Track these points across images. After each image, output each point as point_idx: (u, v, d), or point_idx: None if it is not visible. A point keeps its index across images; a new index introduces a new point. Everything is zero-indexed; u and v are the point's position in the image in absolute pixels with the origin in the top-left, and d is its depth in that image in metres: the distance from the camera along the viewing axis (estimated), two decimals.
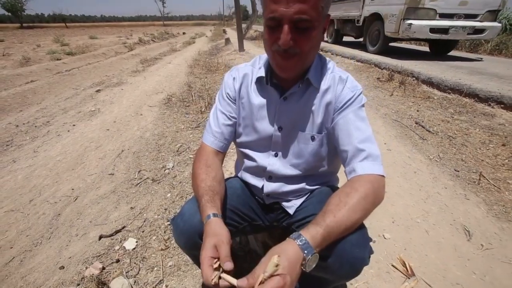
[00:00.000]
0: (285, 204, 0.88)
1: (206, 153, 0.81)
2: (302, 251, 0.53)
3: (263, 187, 0.87)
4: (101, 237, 1.39)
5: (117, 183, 1.87)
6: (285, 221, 0.91)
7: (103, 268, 1.20)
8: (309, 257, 0.53)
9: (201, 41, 16.07)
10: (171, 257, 1.27)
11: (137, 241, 1.36)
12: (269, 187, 0.86)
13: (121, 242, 1.36)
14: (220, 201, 0.71)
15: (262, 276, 0.48)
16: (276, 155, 0.84)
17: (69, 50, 8.69)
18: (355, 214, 0.60)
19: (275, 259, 0.49)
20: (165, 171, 2.01)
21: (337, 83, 0.75)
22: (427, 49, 6.84)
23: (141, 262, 1.24)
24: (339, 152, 0.75)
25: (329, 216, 0.58)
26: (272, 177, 0.86)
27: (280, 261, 0.49)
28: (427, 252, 1.28)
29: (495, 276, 1.15)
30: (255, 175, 0.89)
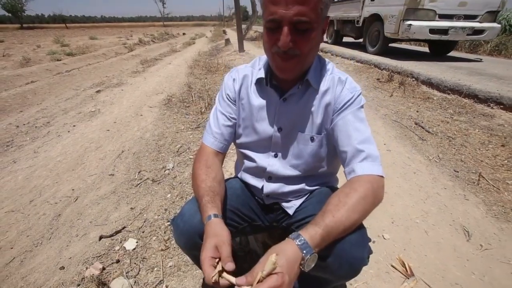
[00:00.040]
0: (284, 204, 0.89)
1: (206, 154, 0.81)
2: (301, 251, 0.54)
3: (263, 187, 0.87)
4: (101, 238, 1.39)
5: (117, 183, 1.88)
6: (284, 221, 0.91)
7: (103, 268, 1.20)
8: (308, 257, 0.54)
9: (201, 41, 16.09)
10: (171, 258, 1.27)
11: (137, 242, 1.36)
12: (269, 187, 0.87)
13: (121, 242, 1.37)
14: (220, 201, 0.71)
15: (260, 274, 0.49)
16: (275, 156, 0.84)
17: (69, 50, 8.70)
18: (354, 214, 0.60)
19: (273, 258, 0.49)
20: (165, 171, 2.02)
21: (336, 84, 0.76)
22: (427, 49, 6.85)
23: (141, 262, 1.25)
24: (338, 152, 0.75)
25: (328, 216, 0.58)
26: (271, 177, 0.86)
27: (278, 260, 0.50)
28: (426, 252, 1.29)
29: (494, 276, 1.16)
30: (255, 176, 0.90)
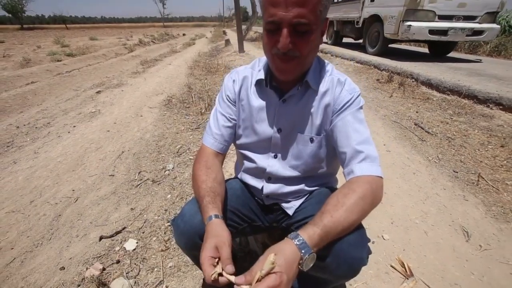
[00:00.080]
0: (284, 205, 0.89)
1: (206, 154, 0.82)
2: (299, 251, 0.54)
3: (262, 188, 0.88)
4: (101, 238, 1.40)
5: (117, 184, 1.88)
6: (284, 222, 0.91)
7: (104, 269, 1.21)
8: (306, 256, 0.54)
9: (201, 42, 16.11)
10: (171, 258, 1.27)
11: (137, 242, 1.37)
12: (269, 188, 0.87)
13: (121, 243, 1.37)
14: (221, 202, 0.72)
15: (259, 273, 0.49)
16: (275, 157, 0.84)
17: (69, 51, 8.71)
18: (353, 214, 0.60)
19: (271, 258, 0.50)
20: (165, 172, 2.02)
21: (335, 85, 0.76)
22: (427, 50, 6.87)
23: (141, 263, 1.25)
24: (337, 153, 0.75)
25: (326, 216, 0.59)
26: (271, 178, 0.87)
27: (276, 260, 0.50)
28: (426, 252, 1.29)
29: (493, 276, 1.16)
30: (255, 176, 0.90)
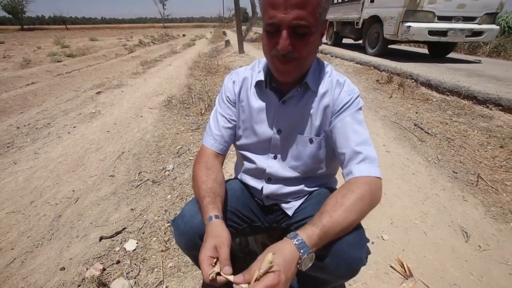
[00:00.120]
0: (284, 205, 0.90)
1: (206, 155, 0.82)
2: (298, 250, 0.55)
3: (262, 188, 0.88)
4: (101, 239, 1.40)
5: (117, 184, 1.88)
6: (284, 222, 0.92)
7: (104, 269, 1.21)
8: (305, 256, 0.54)
9: (201, 43, 16.12)
10: (171, 258, 1.27)
11: (137, 243, 1.37)
12: (268, 189, 0.87)
13: (121, 243, 1.37)
14: (221, 202, 0.72)
15: (257, 273, 0.50)
16: (275, 158, 0.85)
17: (69, 52, 8.72)
18: (351, 214, 0.61)
19: (270, 257, 0.50)
20: (165, 172, 2.02)
21: (334, 86, 0.77)
22: (426, 51, 6.88)
23: (142, 263, 1.25)
24: (337, 154, 0.76)
25: (325, 216, 0.59)
26: (271, 179, 0.87)
27: (274, 259, 0.51)
28: (425, 253, 1.29)
29: (492, 277, 1.16)
30: (255, 177, 0.90)
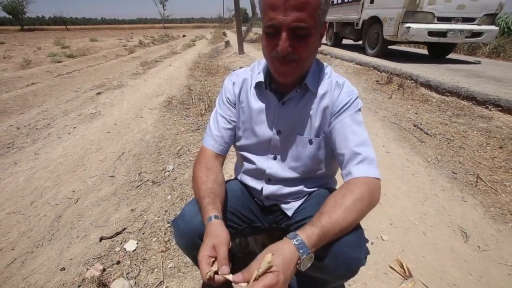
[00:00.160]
0: (283, 206, 0.90)
1: (206, 156, 0.83)
2: (297, 251, 0.55)
3: (262, 189, 0.89)
4: (101, 239, 1.40)
5: (117, 185, 1.89)
6: (284, 222, 0.92)
7: (104, 269, 1.21)
8: (304, 256, 0.55)
9: (201, 43, 16.14)
10: (171, 259, 1.28)
11: (137, 243, 1.37)
12: (268, 189, 0.88)
13: (121, 243, 1.37)
14: (221, 203, 0.73)
15: (256, 272, 0.50)
16: (275, 158, 0.85)
17: (69, 52, 8.73)
18: (351, 215, 0.61)
19: (269, 257, 0.51)
20: (165, 173, 2.03)
21: (334, 88, 0.77)
22: (426, 52, 6.88)
23: (142, 263, 1.26)
24: (336, 155, 0.76)
25: (324, 217, 0.60)
26: (271, 179, 0.87)
27: (273, 259, 0.51)
28: (424, 253, 1.30)
29: (491, 277, 1.17)
30: (255, 178, 0.91)
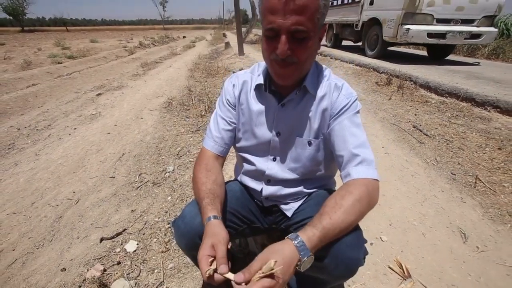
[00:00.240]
0: (283, 206, 0.91)
1: (206, 157, 0.83)
2: (298, 252, 0.55)
3: (262, 190, 0.89)
4: (102, 240, 1.41)
5: (118, 186, 1.90)
6: (283, 223, 0.93)
7: (104, 270, 1.22)
8: (304, 258, 0.55)
9: (201, 44, 16.17)
10: (172, 259, 1.28)
11: (138, 244, 1.38)
12: (268, 190, 0.88)
13: (122, 244, 1.38)
14: (220, 204, 0.73)
15: (257, 275, 0.51)
16: (274, 160, 0.86)
17: (70, 53, 8.75)
18: (350, 216, 0.62)
19: (272, 264, 0.51)
20: (165, 174, 2.03)
21: (333, 90, 0.78)
22: (425, 53, 6.90)
23: (142, 264, 1.26)
24: (335, 157, 0.77)
25: (325, 218, 0.60)
26: (270, 180, 0.88)
27: (276, 267, 0.51)
28: (423, 254, 1.30)
29: (490, 277, 1.17)
30: (254, 179, 0.91)
